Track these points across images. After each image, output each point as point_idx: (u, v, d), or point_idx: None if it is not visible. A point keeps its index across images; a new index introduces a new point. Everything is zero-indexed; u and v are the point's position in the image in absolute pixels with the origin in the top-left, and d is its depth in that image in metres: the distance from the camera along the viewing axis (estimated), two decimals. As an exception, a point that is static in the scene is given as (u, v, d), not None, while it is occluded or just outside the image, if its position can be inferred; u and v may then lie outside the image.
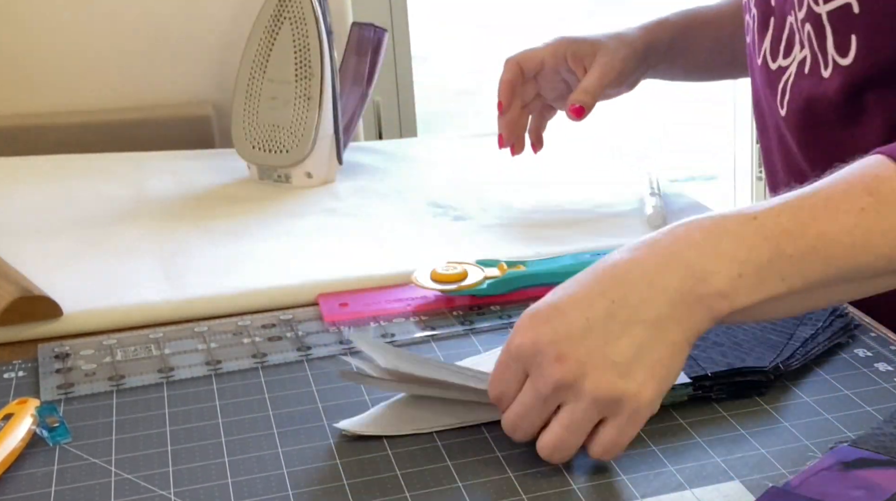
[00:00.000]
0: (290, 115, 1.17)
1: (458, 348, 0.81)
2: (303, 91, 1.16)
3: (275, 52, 1.17)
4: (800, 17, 0.92)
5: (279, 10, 1.17)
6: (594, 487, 0.64)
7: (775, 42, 0.97)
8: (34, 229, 1.06)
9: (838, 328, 0.81)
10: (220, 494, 0.64)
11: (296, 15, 1.16)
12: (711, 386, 0.73)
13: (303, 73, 1.16)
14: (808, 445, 0.68)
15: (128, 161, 1.27)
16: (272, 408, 0.74)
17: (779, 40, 0.97)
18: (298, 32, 1.16)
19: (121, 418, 0.73)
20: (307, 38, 1.15)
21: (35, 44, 1.36)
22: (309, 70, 1.16)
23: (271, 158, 1.18)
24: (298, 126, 1.16)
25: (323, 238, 1.03)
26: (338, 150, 1.19)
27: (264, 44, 1.18)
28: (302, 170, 1.18)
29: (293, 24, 1.16)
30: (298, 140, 1.16)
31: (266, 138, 1.18)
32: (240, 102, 1.20)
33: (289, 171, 1.18)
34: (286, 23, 1.16)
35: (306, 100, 1.16)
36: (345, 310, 0.88)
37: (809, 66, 0.92)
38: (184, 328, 0.86)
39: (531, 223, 1.06)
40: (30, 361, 0.81)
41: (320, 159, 1.18)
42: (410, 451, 0.68)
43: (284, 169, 1.18)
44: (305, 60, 1.16)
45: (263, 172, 1.20)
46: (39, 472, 0.67)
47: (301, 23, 1.16)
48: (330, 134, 1.18)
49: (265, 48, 1.18)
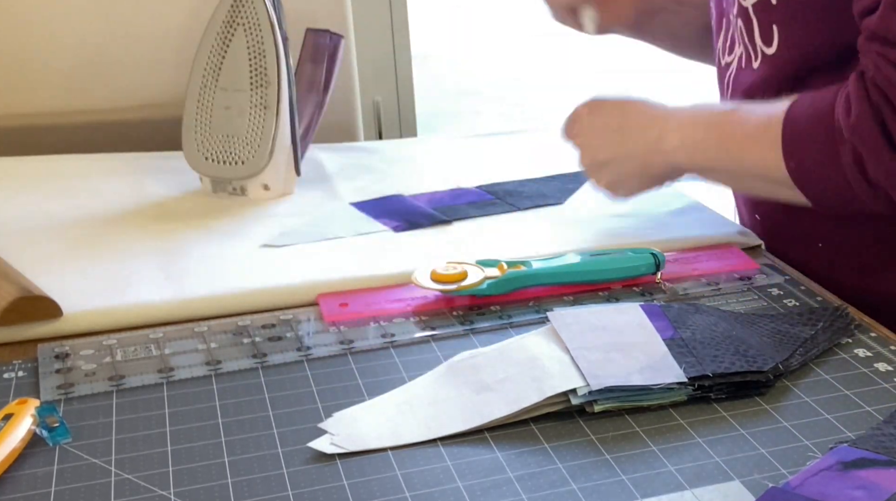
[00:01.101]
0: (245, 125, 1.12)
1: (459, 348, 0.81)
2: (259, 100, 1.11)
3: (228, 59, 1.12)
4: (733, 13, 0.98)
5: (232, 16, 1.11)
6: (594, 487, 0.64)
7: (724, 40, 1.04)
8: (34, 229, 1.06)
9: (839, 328, 0.81)
10: (220, 494, 0.64)
11: (250, 21, 1.11)
12: (711, 386, 0.73)
13: (258, 81, 1.11)
14: (808, 445, 0.68)
15: (128, 161, 1.27)
16: (272, 408, 0.74)
17: (727, 38, 1.03)
18: (253, 39, 1.11)
19: (121, 418, 0.73)
20: (262, 45, 1.11)
21: (35, 44, 1.36)
22: (265, 78, 1.11)
23: (225, 170, 1.13)
24: (255, 136, 1.12)
25: (323, 238, 1.03)
26: (295, 161, 1.14)
27: (216, 51, 1.12)
28: (258, 181, 1.13)
29: (247, 31, 1.11)
30: (255, 151, 1.11)
31: (220, 149, 1.13)
32: (191, 112, 1.14)
33: (244, 183, 1.13)
34: (239, 29, 1.11)
35: (263, 109, 1.11)
36: (345, 310, 0.88)
37: (745, 60, 0.99)
38: (184, 328, 0.86)
39: (531, 223, 1.06)
40: (30, 361, 0.81)
41: (277, 170, 1.13)
42: (410, 451, 0.68)
43: (240, 181, 1.13)
44: (261, 68, 1.11)
45: (217, 185, 1.14)
46: (39, 472, 0.67)
47: (256, 29, 1.11)
48: (287, 144, 1.13)
49: (217, 55, 1.13)
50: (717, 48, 1.06)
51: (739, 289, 0.91)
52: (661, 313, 0.81)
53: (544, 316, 0.85)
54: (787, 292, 0.90)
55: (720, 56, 1.05)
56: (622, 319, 0.81)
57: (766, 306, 0.87)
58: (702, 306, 0.84)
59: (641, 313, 0.81)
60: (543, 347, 0.78)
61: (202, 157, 1.14)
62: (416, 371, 0.78)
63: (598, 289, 0.91)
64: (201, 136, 1.14)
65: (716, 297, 0.89)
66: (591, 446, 0.68)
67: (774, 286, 0.91)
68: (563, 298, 0.89)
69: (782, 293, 0.90)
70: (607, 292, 0.90)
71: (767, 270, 0.94)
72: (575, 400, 0.71)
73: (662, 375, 0.73)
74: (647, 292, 0.90)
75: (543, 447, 0.68)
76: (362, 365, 0.79)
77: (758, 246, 1.01)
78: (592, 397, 0.71)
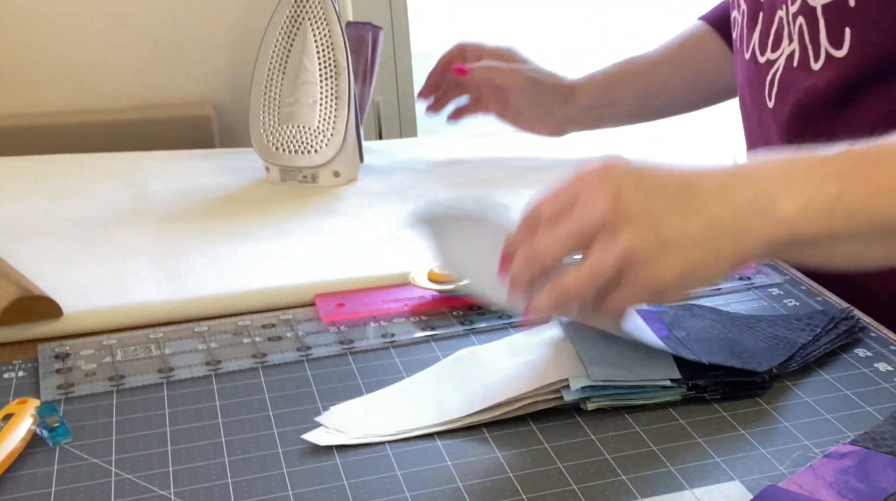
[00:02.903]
0: (316, 115, 1.17)
1: (459, 348, 0.81)
2: (330, 90, 1.16)
3: (294, 52, 1.17)
4: (792, 11, 0.95)
5: (297, 11, 1.17)
6: (594, 487, 0.64)
7: (763, 36, 1.00)
8: (34, 229, 1.06)
9: (842, 331, 0.81)
10: (220, 494, 0.64)
11: (317, 15, 1.16)
12: (705, 386, 0.73)
13: (328, 73, 1.16)
14: (808, 445, 0.68)
15: (128, 161, 1.27)
16: (272, 408, 0.74)
17: (767, 34, 1.00)
18: (321, 32, 1.16)
19: (121, 418, 0.73)
20: (331, 38, 1.16)
21: (35, 44, 1.36)
22: (335, 69, 1.16)
23: (298, 159, 1.18)
24: (327, 126, 1.16)
25: (322, 238, 1.03)
26: (359, 148, 1.20)
27: (281, 45, 1.18)
28: (330, 169, 1.18)
29: (314, 24, 1.16)
30: (328, 140, 1.17)
31: (290, 139, 1.18)
32: (257, 105, 1.19)
33: (316, 172, 1.18)
34: (306, 22, 1.16)
35: (334, 100, 1.16)
36: (342, 311, 0.88)
37: (798, 58, 0.95)
38: (184, 328, 0.86)
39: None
40: (30, 361, 0.81)
41: (347, 158, 1.18)
42: (410, 451, 0.68)
43: (312, 169, 1.18)
44: (331, 60, 1.16)
45: (287, 174, 1.19)
46: (39, 472, 0.67)
47: (323, 23, 1.16)
48: (354, 132, 1.18)
49: (283, 49, 1.17)
50: (750, 43, 1.02)
51: (739, 289, 0.91)
52: (655, 317, 0.81)
53: (544, 316, 0.85)
54: (787, 292, 0.90)
55: (756, 52, 1.01)
56: None
57: (766, 306, 0.87)
58: (697, 309, 0.83)
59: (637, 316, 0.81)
60: (544, 340, 0.78)
61: (272, 148, 1.19)
62: (415, 371, 0.78)
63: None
64: (269, 128, 1.19)
65: (715, 297, 0.89)
66: (591, 446, 0.68)
67: (774, 286, 0.91)
68: (563, 298, 0.89)
69: (782, 293, 0.90)
70: (607, 292, 0.90)
71: (767, 270, 0.94)
72: (568, 396, 0.71)
73: (660, 371, 0.73)
74: (647, 292, 0.90)
75: (543, 447, 0.68)
76: (362, 365, 0.79)
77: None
78: (585, 394, 0.71)
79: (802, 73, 0.95)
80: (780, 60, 0.98)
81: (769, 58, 1.00)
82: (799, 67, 0.95)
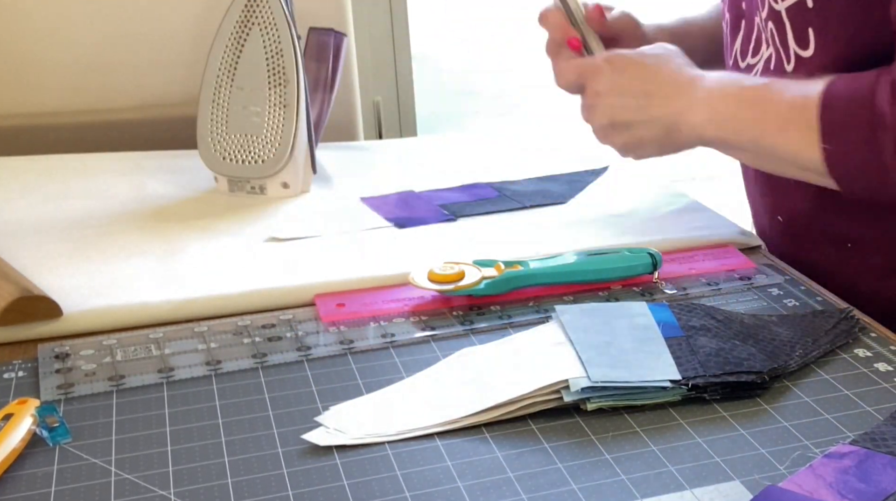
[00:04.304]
0: (263, 124, 1.13)
1: (459, 348, 0.81)
2: (278, 98, 1.12)
3: (243, 58, 1.13)
4: (763, 16, 0.98)
5: (246, 16, 1.12)
6: (594, 487, 0.64)
7: (745, 42, 1.03)
8: (34, 229, 1.06)
9: (842, 331, 0.81)
10: (220, 494, 0.64)
11: (266, 20, 1.11)
12: (705, 386, 0.73)
13: (276, 80, 1.12)
14: (808, 445, 0.68)
15: (128, 161, 1.27)
16: (272, 408, 0.74)
17: (748, 40, 1.02)
18: (270, 38, 1.11)
19: (121, 418, 0.73)
20: (279, 44, 1.11)
21: (35, 44, 1.36)
22: (283, 77, 1.11)
23: (245, 170, 1.13)
24: (274, 134, 1.12)
25: (321, 238, 1.03)
26: (312, 159, 1.15)
27: (230, 50, 1.13)
28: (278, 180, 1.13)
29: (263, 30, 1.12)
30: (275, 149, 1.12)
31: (237, 148, 1.14)
32: (205, 112, 1.14)
33: (264, 182, 1.13)
34: (255, 28, 1.12)
35: (282, 108, 1.12)
36: (342, 311, 0.88)
37: (774, 62, 0.98)
38: (184, 328, 0.86)
39: (529, 223, 1.06)
40: (30, 361, 0.81)
41: (297, 168, 1.13)
42: (410, 451, 0.68)
43: (259, 180, 1.13)
44: (279, 67, 1.12)
45: (234, 184, 1.15)
46: (39, 472, 0.67)
47: (272, 28, 1.11)
48: (305, 142, 1.13)
49: (232, 55, 1.13)
50: (733, 49, 1.06)
51: (739, 289, 0.91)
52: (668, 312, 0.81)
53: (544, 316, 0.85)
54: (787, 292, 0.90)
55: (738, 57, 1.04)
56: (627, 317, 0.81)
57: (766, 306, 0.87)
58: (711, 308, 0.83)
59: (647, 311, 0.82)
60: (545, 340, 0.78)
61: (219, 157, 1.15)
62: (416, 371, 0.78)
63: (599, 289, 0.91)
64: (218, 136, 1.15)
65: (715, 297, 0.89)
66: (591, 446, 0.68)
67: (774, 286, 0.91)
68: (564, 298, 0.89)
69: (782, 293, 0.90)
70: (607, 292, 0.91)
71: (767, 270, 0.94)
72: (567, 396, 0.72)
73: (660, 372, 0.73)
74: (647, 292, 0.90)
75: (543, 447, 0.68)
76: (362, 365, 0.79)
77: (758, 246, 1.01)
78: (585, 394, 0.71)
79: (778, 76, 0.97)
80: (759, 65, 1.01)
81: (749, 62, 1.02)
82: (775, 70, 0.98)
